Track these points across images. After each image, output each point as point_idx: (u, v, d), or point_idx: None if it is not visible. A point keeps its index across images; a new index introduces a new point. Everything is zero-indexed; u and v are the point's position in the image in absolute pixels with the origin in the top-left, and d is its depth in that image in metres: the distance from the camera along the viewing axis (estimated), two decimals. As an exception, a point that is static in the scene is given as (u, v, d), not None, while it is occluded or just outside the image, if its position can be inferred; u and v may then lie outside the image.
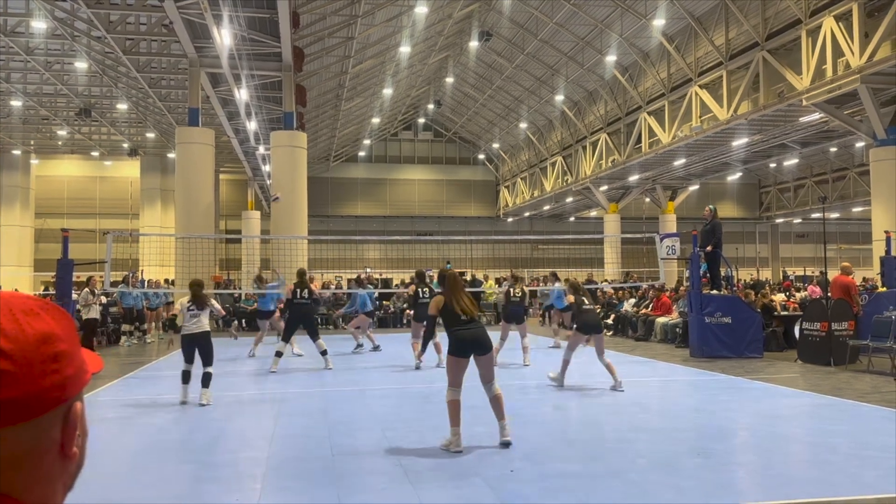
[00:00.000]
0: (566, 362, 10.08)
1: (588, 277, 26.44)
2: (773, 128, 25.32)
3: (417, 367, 12.11)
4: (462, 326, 6.37)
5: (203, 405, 8.56)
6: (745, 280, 26.35)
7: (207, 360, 8.76)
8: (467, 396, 8.22)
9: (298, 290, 12.17)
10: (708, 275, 14.35)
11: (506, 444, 6.25)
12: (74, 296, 14.28)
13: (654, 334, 17.27)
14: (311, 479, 5.40)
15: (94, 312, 16.46)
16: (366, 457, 6.10)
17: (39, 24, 21.84)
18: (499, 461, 5.84)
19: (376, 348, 15.38)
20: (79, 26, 22.45)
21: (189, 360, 8.83)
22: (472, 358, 6.43)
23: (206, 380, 8.75)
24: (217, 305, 9.29)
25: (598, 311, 11.32)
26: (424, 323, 12.47)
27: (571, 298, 10.46)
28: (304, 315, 12.21)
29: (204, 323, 8.84)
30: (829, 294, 13.00)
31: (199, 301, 8.87)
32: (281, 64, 22.59)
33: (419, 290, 12.69)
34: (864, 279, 30.56)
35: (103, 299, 17.94)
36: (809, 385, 9.91)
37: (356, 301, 15.58)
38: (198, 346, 8.79)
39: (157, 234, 32.95)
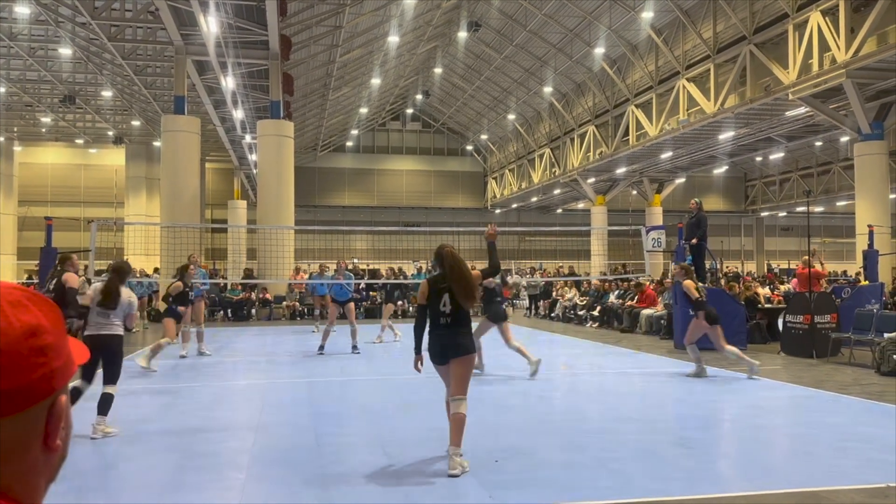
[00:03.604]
0: (700, 357, 9.92)
1: (570, 269, 26.54)
2: (760, 121, 25.46)
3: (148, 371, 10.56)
4: (438, 329, 5.44)
5: (95, 438, 6.20)
6: (726, 272, 26.52)
7: (109, 377, 6.42)
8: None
9: (49, 281, 9.43)
10: (693, 267, 14.42)
11: (452, 476, 5.11)
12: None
13: (640, 326, 17.36)
14: (296, 468, 5.40)
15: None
16: (351, 447, 6.10)
17: (23, 9, 21.55)
18: (483, 451, 5.86)
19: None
20: (63, 12, 22.17)
21: (86, 374, 6.27)
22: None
23: (102, 404, 6.31)
24: (135, 308, 6.79)
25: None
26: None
27: (692, 285, 9.85)
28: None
29: (115, 324, 6.47)
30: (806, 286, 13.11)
31: (108, 297, 6.47)
32: (268, 52, 22.44)
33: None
34: (830, 272, 30.79)
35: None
36: (792, 377, 10.00)
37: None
38: (100, 355, 6.31)
39: (142, 222, 32.72)
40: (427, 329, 5.51)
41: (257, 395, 8.87)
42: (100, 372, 6.46)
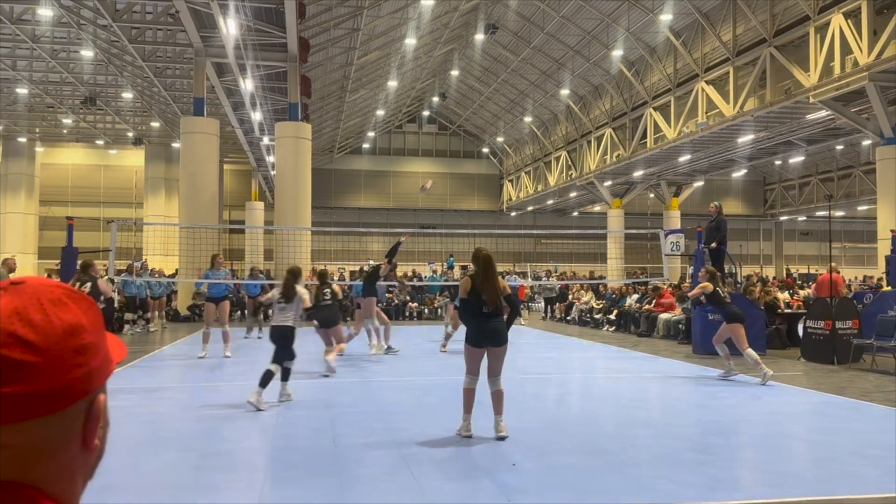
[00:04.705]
0: (728, 355, 10.19)
1: (591, 274, 26.45)
2: (780, 125, 25.23)
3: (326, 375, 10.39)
4: (480, 317, 6.37)
5: (282, 402, 8.13)
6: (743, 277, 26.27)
7: (287, 357, 8.20)
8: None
9: (78, 287, 9.92)
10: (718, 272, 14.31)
11: (501, 439, 6.27)
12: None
13: (657, 330, 17.25)
14: (313, 469, 5.41)
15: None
16: (367, 448, 6.10)
17: (46, 12, 21.80)
18: (501, 454, 5.84)
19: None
20: (85, 14, 22.42)
21: (277, 358, 8.07)
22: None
23: (284, 373, 8.22)
24: (306, 300, 8.33)
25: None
26: (326, 329, 10.51)
27: (710, 287, 10.29)
28: None
29: (290, 317, 8.16)
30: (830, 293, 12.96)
31: (286, 292, 8.22)
32: (286, 54, 22.54)
33: (321, 290, 11.06)
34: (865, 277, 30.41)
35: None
36: (812, 383, 9.89)
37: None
38: (279, 340, 8.17)
39: (160, 223, 33.00)
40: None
41: (274, 396, 8.89)
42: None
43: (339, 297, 11.14)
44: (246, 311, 19.12)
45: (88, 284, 10.13)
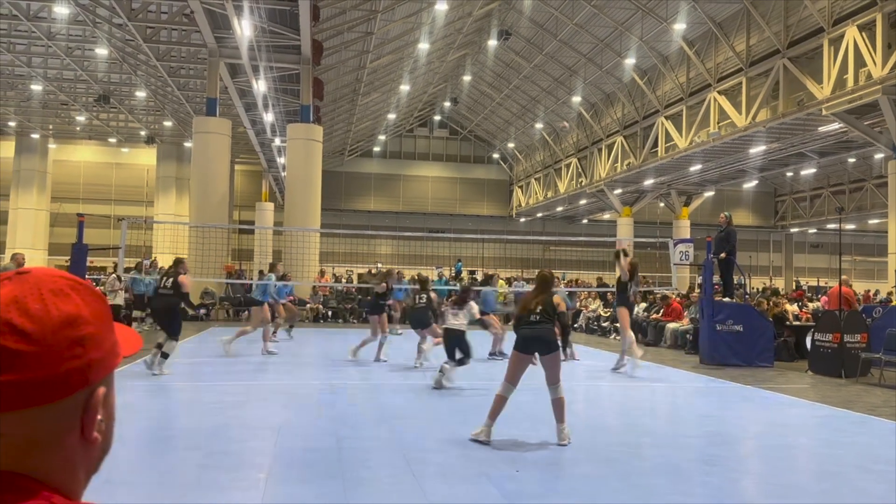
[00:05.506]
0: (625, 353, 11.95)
1: (599, 281, 26.34)
2: (792, 136, 25.13)
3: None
4: (526, 325, 6.56)
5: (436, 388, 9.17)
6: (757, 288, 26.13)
7: (459, 358, 9.35)
8: (478, 395, 8.29)
9: (164, 279, 10.69)
10: (721, 283, 14.26)
11: (561, 446, 6.33)
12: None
13: (664, 340, 17.19)
14: (317, 470, 5.41)
15: (119, 299, 16.70)
16: (372, 451, 6.10)
17: (62, 10, 21.98)
18: (505, 460, 5.83)
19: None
20: (101, 13, 22.59)
21: (450, 356, 9.39)
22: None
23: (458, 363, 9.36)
24: (475, 310, 9.73)
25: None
26: (421, 329, 11.81)
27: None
28: (165, 308, 10.53)
29: (459, 321, 9.42)
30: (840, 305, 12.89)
31: (459, 301, 9.73)
32: (300, 57, 22.65)
33: (417, 295, 11.99)
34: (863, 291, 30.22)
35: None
36: (819, 396, 9.84)
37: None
38: (451, 342, 9.41)
39: (171, 222, 33.12)
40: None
41: (280, 396, 8.91)
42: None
43: (433, 303, 12.01)
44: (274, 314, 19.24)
45: (171, 280, 10.54)
